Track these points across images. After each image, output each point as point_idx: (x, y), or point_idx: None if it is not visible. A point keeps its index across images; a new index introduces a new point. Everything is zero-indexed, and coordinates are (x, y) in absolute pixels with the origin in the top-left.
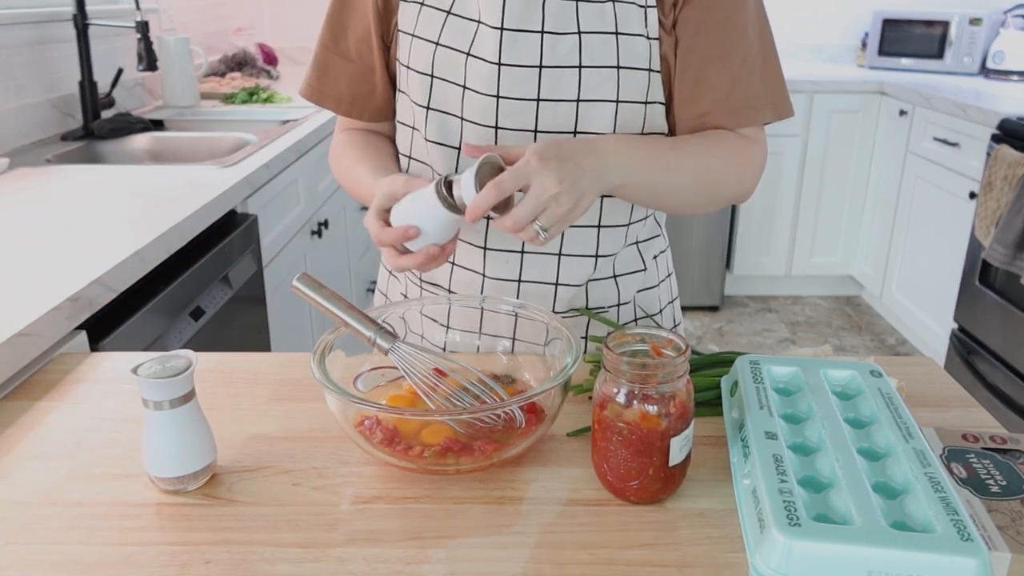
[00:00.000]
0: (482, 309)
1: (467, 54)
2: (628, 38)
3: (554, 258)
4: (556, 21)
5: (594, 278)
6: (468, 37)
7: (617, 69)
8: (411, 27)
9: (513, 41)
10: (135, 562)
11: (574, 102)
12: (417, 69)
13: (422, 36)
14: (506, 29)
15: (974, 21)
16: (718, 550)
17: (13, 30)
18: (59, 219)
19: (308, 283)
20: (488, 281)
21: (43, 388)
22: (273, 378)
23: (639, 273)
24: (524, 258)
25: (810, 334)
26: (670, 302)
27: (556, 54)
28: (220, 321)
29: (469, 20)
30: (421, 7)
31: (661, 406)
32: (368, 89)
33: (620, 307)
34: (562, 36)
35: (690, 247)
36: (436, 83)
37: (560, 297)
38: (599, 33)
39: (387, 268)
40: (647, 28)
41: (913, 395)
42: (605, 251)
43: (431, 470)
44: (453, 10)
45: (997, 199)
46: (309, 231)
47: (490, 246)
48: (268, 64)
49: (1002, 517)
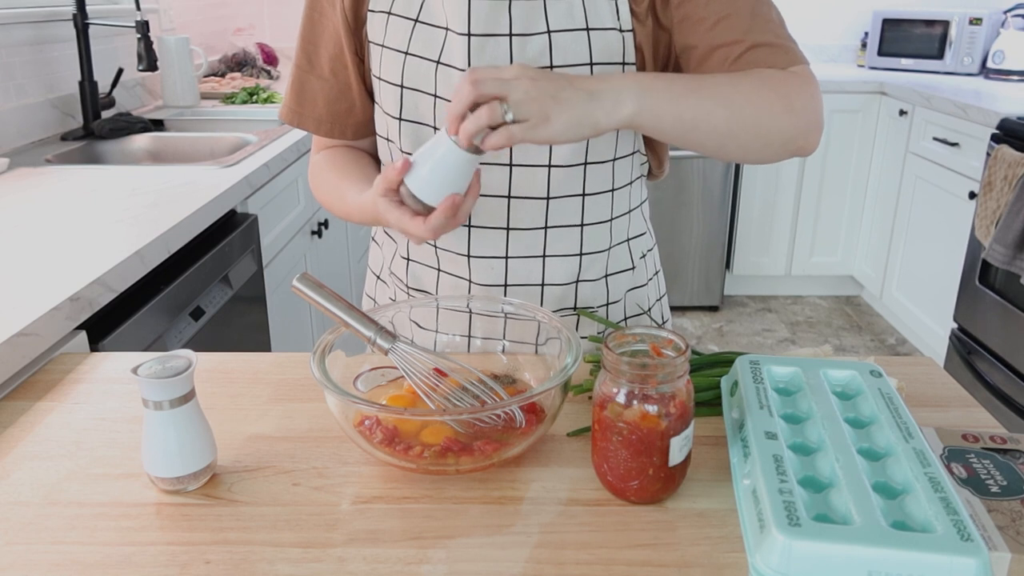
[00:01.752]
0: (471, 312)
1: (437, 62)
2: (600, 32)
3: (538, 260)
4: (524, 23)
5: (584, 279)
6: (437, 45)
7: (591, 66)
8: (380, 38)
9: (482, 47)
10: (135, 562)
11: None
12: (388, 80)
13: (391, 46)
14: (473, 35)
15: (974, 21)
16: (718, 550)
17: (13, 30)
18: (59, 219)
19: (308, 283)
20: (475, 286)
21: (43, 388)
22: (273, 378)
23: (628, 272)
24: (508, 263)
25: (810, 334)
26: (658, 299)
27: (526, 56)
28: (220, 321)
29: (437, 27)
30: (389, 16)
31: (661, 406)
32: (347, 106)
33: (609, 306)
34: (531, 37)
35: (690, 247)
36: (407, 93)
37: (548, 297)
38: (569, 31)
39: (373, 271)
40: (619, 21)
41: (913, 395)
42: (590, 249)
43: (431, 470)
44: (420, 18)
45: (997, 199)
46: (309, 231)
47: (474, 254)
48: (268, 64)
49: (1002, 517)
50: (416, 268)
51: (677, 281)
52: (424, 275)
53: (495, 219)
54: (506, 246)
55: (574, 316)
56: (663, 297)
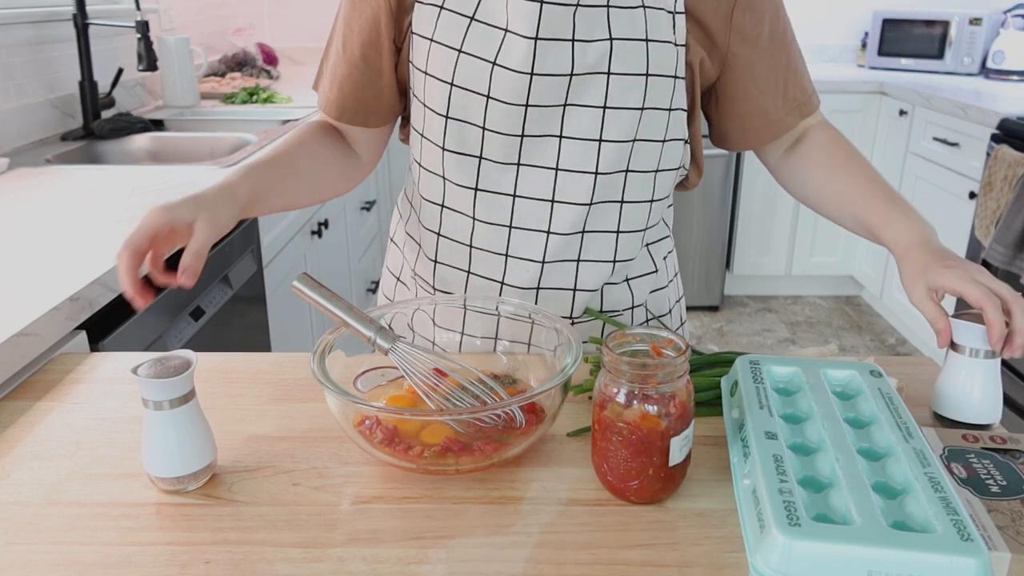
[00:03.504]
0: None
1: (493, 63)
2: (658, 45)
3: (573, 264)
4: (587, 29)
5: (609, 282)
6: (494, 46)
7: (646, 77)
8: (429, 31)
9: (547, 51)
10: (135, 562)
11: (600, 108)
12: (437, 76)
13: (442, 42)
14: (541, 39)
15: (974, 21)
16: (718, 550)
17: (13, 30)
18: (59, 219)
19: (308, 283)
20: (507, 288)
21: (43, 388)
22: (273, 378)
23: (651, 275)
24: (544, 267)
25: (810, 334)
26: (677, 301)
27: (586, 61)
28: (220, 321)
29: (495, 28)
30: (441, 10)
31: (661, 406)
32: (374, 93)
33: (633, 310)
34: (592, 43)
35: (690, 247)
36: (456, 91)
37: (577, 303)
38: (630, 40)
39: (392, 272)
40: (675, 35)
41: (913, 395)
42: (623, 256)
43: (431, 470)
44: (477, 16)
45: (997, 199)
46: (309, 231)
47: (512, 254)
48: (268, 64)
49: (1002, 517)
50: (444, 271)
51: None
52: (453, 277)
53: (537, 222)
54: (544, 249)
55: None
56: (681, 299)
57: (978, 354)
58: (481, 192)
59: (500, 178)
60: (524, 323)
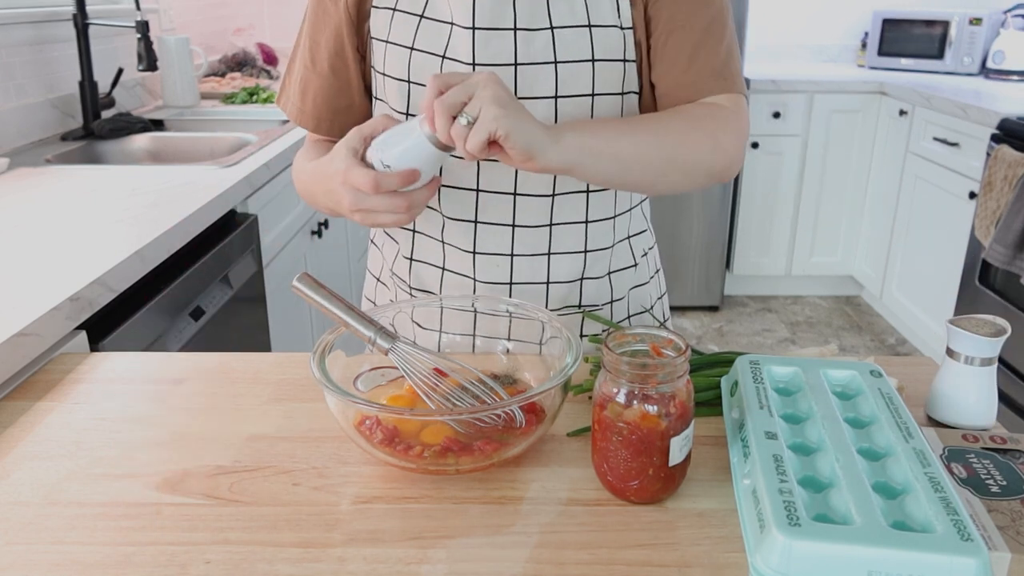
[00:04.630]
0: (475, 311)
1: (442, 56)
2: (602, 29)
3: (543, 257)
4: (528, 18)
5: (588, 276)
6: (443, 40)
7: (592, 62)
8: (384, 34)
9: (486, 40)
10: (135, 562)
11: (552, 99)
12: (393, 75)
13: (396, 42)
14: (478, 28)
15: (974, 21)
16: (718, 550)
17: (13, 30)
18: (59, 219)
19: (308, 283)
20: (479, 285)
21: (43, 388)
22: (273, 378)
23: (631, 269)
24: (514, 260)
25: (810, 334)
26: (659, 298)
27: (530, 51)
28: (220, 321)
29: (442, 23)
30: (394, 12)
31: (661, 406)
32: (346, 103)
33: (613, 304)
34: (535, 32)
35: (690, 247)
36: (413, 88)
37: (552, 296)
38: (572, 27)
39: (372, 274)
40: (620, 18)
41: (913, 395)
42: (594, 246)
43: (431, 470)
44: (426, 13)
45: (997, 199)
46: (309, 231)
47: (479, 250)
48: (268, 64)
49: (1002, 517)
50: (420, 268)
51: (677, 281)
52: (428, 275)
53: (501, 216)
54: (511, 243)
55: (576, 315)
56: (664, 296)
57: (973, 361)
58: (445, 188)
59: (463, 173)
60: (503, 318)
